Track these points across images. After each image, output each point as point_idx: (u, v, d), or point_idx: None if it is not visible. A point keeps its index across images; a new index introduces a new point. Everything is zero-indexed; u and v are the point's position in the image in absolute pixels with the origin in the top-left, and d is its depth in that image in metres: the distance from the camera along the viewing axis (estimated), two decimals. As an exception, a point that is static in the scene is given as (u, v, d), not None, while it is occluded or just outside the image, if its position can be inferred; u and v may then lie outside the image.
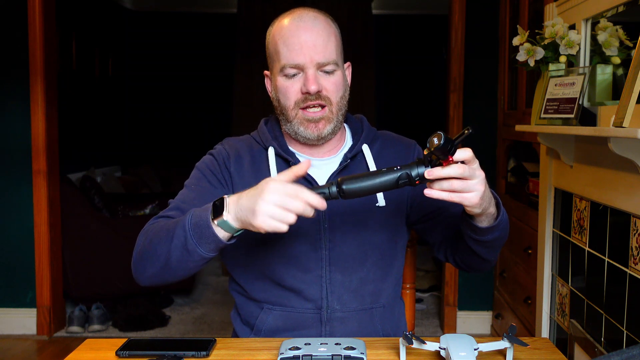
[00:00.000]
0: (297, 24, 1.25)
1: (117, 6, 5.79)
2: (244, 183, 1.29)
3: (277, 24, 1.29)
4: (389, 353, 1.14)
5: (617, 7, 1.71)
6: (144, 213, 4.18)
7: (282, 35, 1.26)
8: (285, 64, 1.25)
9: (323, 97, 1.26)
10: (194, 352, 1.12)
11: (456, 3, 3.28)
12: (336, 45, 1.28)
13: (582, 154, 1.91)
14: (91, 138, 5.12)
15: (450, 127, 3.34)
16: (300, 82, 1.25)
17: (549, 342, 1.23)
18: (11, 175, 3.33)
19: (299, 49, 1.23)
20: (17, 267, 3.37)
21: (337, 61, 1.28)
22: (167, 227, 1.16)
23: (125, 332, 3.41)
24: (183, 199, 1.28)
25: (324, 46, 1.24)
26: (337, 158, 1.35)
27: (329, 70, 1.26)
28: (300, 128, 1.28)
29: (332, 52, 1.26)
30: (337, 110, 1.29)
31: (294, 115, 1.28)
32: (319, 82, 1.25)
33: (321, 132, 1.28)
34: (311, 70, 1.24)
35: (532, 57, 1.91)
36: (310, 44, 1.23)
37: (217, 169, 1.33)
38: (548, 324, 2.22)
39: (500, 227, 1.19)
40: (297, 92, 1.26)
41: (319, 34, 1.25)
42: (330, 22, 1.29)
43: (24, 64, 3.25)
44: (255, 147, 1.36)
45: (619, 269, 1.62)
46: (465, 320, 3.43)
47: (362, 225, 1.31)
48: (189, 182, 1.33)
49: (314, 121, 1.27)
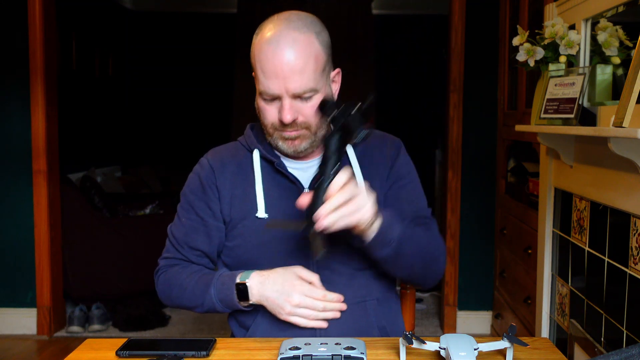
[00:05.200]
0: (274, 50, 1.20)
1: (117, 6, 5.79)
2: (231, 192, 1.34)
3: (259, 38, 1.24)
4: (389, 353, 1.14)
5: (617, 7, 1.71)
6: (144, 213, 4.18)
7: (260, 59, 1.23)
8: (262, 91, 1.25)
9: (299, 124, 1.26)
10: (194, 352, 1.12)
11: (456, 3, 3.28)
12: (315, 67, 1.23)
13: (582, 154, 1.91)
14: (91, 138, 5.12)
15: (450, 127, 3.34)
16: (277, 108, 1.25)
17: (549, 342, 1.23)
18: (11, 175, 3.33)
19: (274, 78, 1.21)
20: (17, 267, 3.37)
21: (316, 86, 1.24)
22: (193, 293, 1.32)
23: (125, 332, 3.41)
24: (178, 239, 1.38)
25: (300, 75, 1.20)
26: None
27: (306, 97, 1.24)
28: (279, 143, 1.30)
29: (309, 79, 1.22)
30: (316, 129, 1.29)
31: (272, 132, 1.30)
32: (294, 110, 1.24)
33: (297, 148, 1.30)
34: (287, 101, 1.23)
35: (532, 57, 1.91)
36: (286, 73, 1.20)
37: (201, 193, 1.36)
38: (548, 324, 2.22)
39: (386, 242, 1.20)
40: (274, 116, 1.27)
41: (296, 62, 1.20)
42: (312, 38, 1.23)
43: (24, 64, 3.25)
44: (241, 151, 1.39)
45: (619, 269, 1.62)
46: (465, 320, 3.43)
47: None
48: (180, 212, 1.39)
49: (290, 139, 1.28)
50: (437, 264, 1.35)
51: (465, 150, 3.35)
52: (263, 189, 1.33)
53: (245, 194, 1.34)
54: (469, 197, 3.37)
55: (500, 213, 3.18)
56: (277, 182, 1.34)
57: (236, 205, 1.34)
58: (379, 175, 1.37)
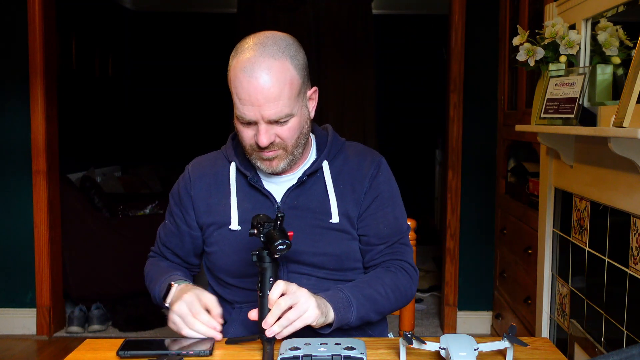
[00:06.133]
0: (248, 78, 1.20)
1: (117, 6, 5.79)
2: (206, 201, 1.39)
3: (235, 63, 1.23)
4: (389, 353, 1.14)
5: (617, 7, 1.71)
6: (144, 213, 4.18)
7: (235, 85, 1.23)
8: (238, 116, 1.25)
9: (276, 144, 1.27)
10: (197, 350, 1.12)
11: (456, 3, 3.28)
12: (290, 94, 1.23)
13: (582, 154, 1.91)
14: (91, 138, 5.12)
15: (450, 127, 3.34)
16: (254, 131, 1.26)
17: (549, 342, 1.23)
18: (11, 175, 3.33)
19: (249, 105, 1.22)
20: (17, 267, 3.37)
21: (291, 111, 1.24)
22: (150, 283, 1.43)
23: (125, 332, 3.41)
24: (160, 237, 1.49)
25: (275, 102, 1.21)
26: (297, 174, 1.37)
27: (282, 121, 1.25)
28: (257, 163, 1.32)
29: (284, 106, 1.22)
30: (292, 149, 1.30)
31: (251, 152, 1.31)
32: (270, 133, 1.25)
33: (275, 168, 1.31)
34: (262, 126, 1.23)
35: (532, 57, 1.91)
36: (261, 101, 1.20)
37: (178, 201, 1.44)
38: (548, 324, 2.22)
39: (345, 324, 1.24)
40: (251, 138, 1.27)
41: (271, 90, 1.20)
42: (287, 63, 1.22)
43: (24, 64, 3.25)
44: (220, 161, 1.42)
45: (619, 269, 1.62)
46: (465, 320, 3.43)
47: (316, 238, 1.34)
48: (167, 214, 1.48)
49: (268, 160, 1.30)
50: (407, 298, 1.39)
51: (465, 150, 3.35)
52: (237, 201, 1.35)
53: (221, 204, 1.37)
54: (469, 197, 3.37)
55: (500, 213, 3.18)
56: (251, 195, 1.36)
57: (212, 215, 1.38)
58: (355, 193, 1.36)
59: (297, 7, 5.59)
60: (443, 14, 3.72)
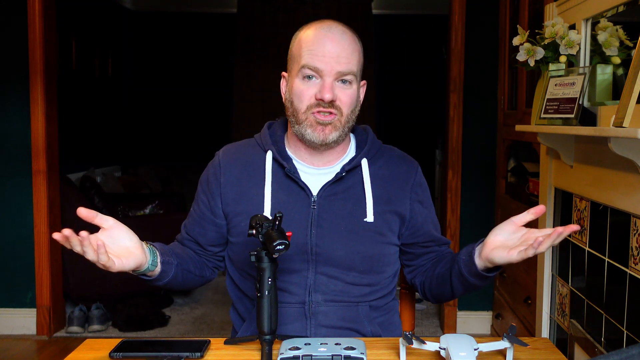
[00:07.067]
0: (324, 34, 1.28)
1: (117, 6, 5.79)
2: (237, 189, 1.36)
3: (305, 31, 1.31)
4: (389, 353, 1.14)
5: (617, 7, 1.71)
6: (144, 213, 4.18)
7: (307, 42, 1.28)
8: (305, 64, 1.27)
9: (335, 106, 1.28)
10: (188, 353, 1.12)
11: (456, 3, 3.28)
12: (358, 60, 1.31)
13: (582, 154, 1.91)
14: (91, 138, 5.12)
15: (450, 127, 3.34)
16: (316, 88, 1.27)
17: (549, 342, 1.23)
18: (11, 175, 3.33)
19: (321, 56, 1.26)
20: (17, 267, 3.37)
21: (356, 74, 1.31)
22: None
23: (125, 332, 3.40)
24: (187, 225, 1.45)
25: (347, 58, 1.27)
26: (335, 169, 1.36)
27: (346, 80, 1.28)
28: (308, 130, 1.30)
29: (353, 65, 1.29)
30: (345, 121, 1.31)
31: (305, 118, 1.30)
32: (334, 91, 1.27)
33: (327, 137, 1.30)
34: (329, 79, 1.27)
35: (532, 57, 1.91)
36: (334, 54, 1.26)
37: (206, 187, 1.40)
38: (548, 324, 2.22)
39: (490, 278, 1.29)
40: (311, 96, 1.28)
41: (344, 47, 1.27)
42: (356, 39, 1.32)
43: (24, 64, 3.25)
44: (254, 150, 1.39)
45: (619, 269, 1.62)
46: (465, 320, 3.43)
47: (350, 236, 1.32)
48: (195, 200, 1.45)
49: (322, 124, 1.29)
50: None
51: (465, 150, 3.35)
52: (272, 191, 1.33)
53: (253, 193, 1.34)
54: (469, 197, 3.37)
55: (500, 213, 3.18)
56: (287, 186, 1.34)
57: (241, 203, 1.35)
58: (397, 199, 1.37)
59: (297, 7, 5.59)
60: (443, 14, 3.72)
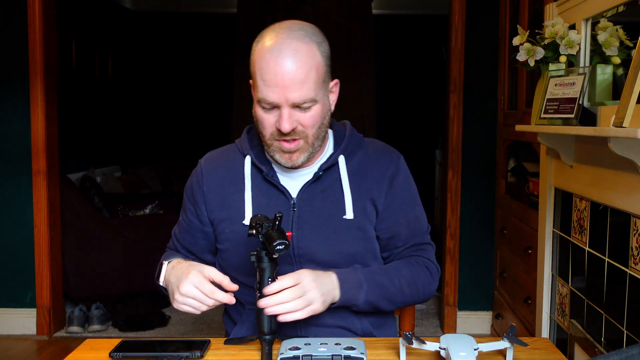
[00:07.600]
0: (275, 58, 1.19)
1: (117, 6, 5.79)
2: (219, 196, 1.36)
3: (260, 45, 1.22)
4: (389, 353, 1.14)
5: (617, 7, 1.71)
6: (144, 213, 4.18)
7: (260, 67, 1.21)
8: (261, 99, 1.23)
9: (298, 132, 1.25)
10: (188, 353, 1.12)
11: (456, 3, 3.28)
12: (316, 78, 1.22)
13: (582, 154, 1.90)
14: (91, 138, 5.12)
15: (450, 127, 3.34)
16: (276, 117, 1.23)
17: (549, 342, 1.23)
18: (11, 175, 3.33)
19: (274, 87, 1.19)
20: (17, 267, 3.37)
21: (315, 97, 1.23)
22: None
23: (125, 332, 3.40)
24: (175, 233, 1.47)
25: (300, 85, 1.19)
26: (313, 169, 1.35)
27: (305, 107, 1.23)
28: (276, 155, 1.29)
29: (309, 90, 1.21)
30: (313, 140, 1.28)
31: (270, 144, 1.28)
32: (293, 119, 1.22)
33: (295, 162, 1.29)
34: (285, 110, 1.21)
35: (532, 57, 1.91)
36: (286, 82, 1.18)
37: (191, 196, 1.41)
38: (548, 324, 2.22)
39: (352, 306, 1.27)
40: (272, 125, 1.25)
41: (297, 72, 1.19)
42: (314, 48, 1.22)
43: (24, 64, 3.25)
44: (234, 155, 1.40)
45: (619, 269, 1.62)
46: (465, 320, 3.43)
47: (331, 235, 1.32)
48: (181, 210, 1.46)
49: (288, 152, 1.27)
50: (426, 295, 1.38)
51: (465, 150, 3.35)
52: (252, 196, 1.33)
53: (234, 199, 1.35)
54: (469, 197, 3.37)
55: (500, 213, 3.18)
56: (266, 190, 1.34)
57: (225, 209, 1.35)
58: (374, 191, 1.35)
59: (297, 7, 5.59)
60: (443, 14, 3.72)
